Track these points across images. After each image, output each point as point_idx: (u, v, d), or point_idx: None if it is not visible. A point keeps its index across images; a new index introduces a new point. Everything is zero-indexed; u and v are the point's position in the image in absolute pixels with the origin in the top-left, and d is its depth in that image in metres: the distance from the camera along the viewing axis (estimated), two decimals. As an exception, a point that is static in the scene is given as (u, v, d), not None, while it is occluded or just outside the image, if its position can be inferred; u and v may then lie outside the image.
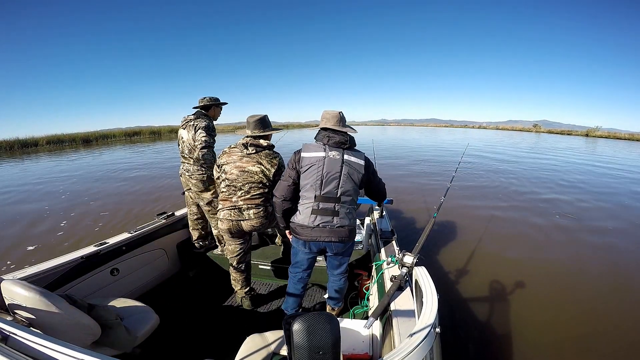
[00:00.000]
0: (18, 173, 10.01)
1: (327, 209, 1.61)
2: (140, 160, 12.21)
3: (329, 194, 1.60)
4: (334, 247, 1.69)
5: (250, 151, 1.90)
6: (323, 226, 1.61)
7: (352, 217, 1.69)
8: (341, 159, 1.60)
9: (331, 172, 1.59)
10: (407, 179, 7.97)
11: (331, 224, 1.62)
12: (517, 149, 17.89)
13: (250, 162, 1.89)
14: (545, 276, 3.19)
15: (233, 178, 1.90)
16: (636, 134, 36.37)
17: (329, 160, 1.59)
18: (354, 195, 1.66)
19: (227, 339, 1.91)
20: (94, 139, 25.75)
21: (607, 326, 2.44)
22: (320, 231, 1.62)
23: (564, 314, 2.59)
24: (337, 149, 1.62)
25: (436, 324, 0.97)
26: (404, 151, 15.01)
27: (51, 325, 1.22)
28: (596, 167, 10.91)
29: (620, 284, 3.08)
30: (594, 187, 7.44)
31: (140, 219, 4.75)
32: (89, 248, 1.94)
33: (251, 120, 1.96)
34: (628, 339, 2.31)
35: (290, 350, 0.91)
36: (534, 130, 55.81)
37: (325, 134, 1.66)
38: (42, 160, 13.38)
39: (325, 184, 1.59)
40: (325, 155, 1.60)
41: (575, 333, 2.36)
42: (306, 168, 1.61)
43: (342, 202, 1.62)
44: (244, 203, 1.90)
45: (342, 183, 1.60)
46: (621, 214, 5.36)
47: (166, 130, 34.21)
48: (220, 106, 2.55)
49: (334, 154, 1.60)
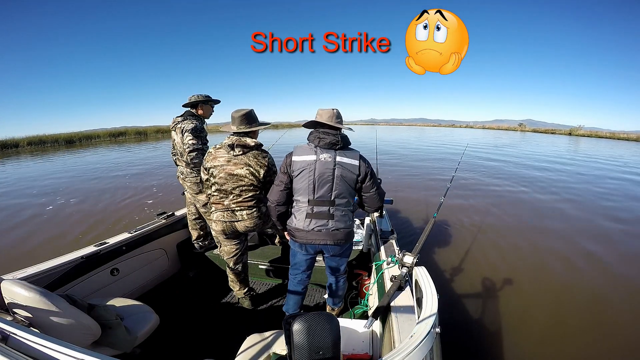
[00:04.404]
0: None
1: (322, 212, 1.58)
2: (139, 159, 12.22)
3: (323, 197, 1.56)
4: (331, 249, 1.67)
5: (237, 152, 1.79)
6: (318, 230, 1.59)
7: (348, 219, 1.65)
8: (333, 161, 1.54)
9: (323, 176, 1.54)
10: (407, 179, 7.97)
11: (326, 227, 1.59)
12: (516, 149, 17.89)
13: (238, 165, 1.79)
14: (545, 276, 3.19)
15: (222, 182, 1.82)
16: (617, 132, 37.59)
17: (320, 164, 1.54)
18: (349, 197, 1.62)
19: (227, 339, 1.91)
20: (77, 140, 24.92)
21: (607, 326, 2.44)
22: (315, 234, 1.60)
23: (564, 313, 2.59)
24: (328, 151, 1.56)
25: (436, 324, 0.97)
26: (403, 151, 15.00)
27: (51, 325, 1.22)
28: (601, 166, 10.91)
29: (620, 284, 3.08)
30: (593, 187, 7.44)
31: (140, 219, 4.76)
32: (89, 248, 1.94)
33: (236, 115, 1.81)
34: (629, 336, 2.31)
35: (290, 350, 0.91)
36: (519, 129, 56.48)
37: (316, 135, 1.59)
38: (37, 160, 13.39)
39: (318, 188, 1.55)
40: (316, 158, 1.54)
41: (576, 333, 2.36)
42: (298, 172, 1.57)
43: (337, 205, 1.58)
44: (236, 206, 1.85)
45: (336, 186, 1.55)
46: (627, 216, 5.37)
47: (152, 130, 33.28)
48: (210, 104, 2.47)
49: (326, 157, 1.54)
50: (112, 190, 6.84)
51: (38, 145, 21.68)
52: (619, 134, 36.17)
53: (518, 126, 62.02)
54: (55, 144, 23.03)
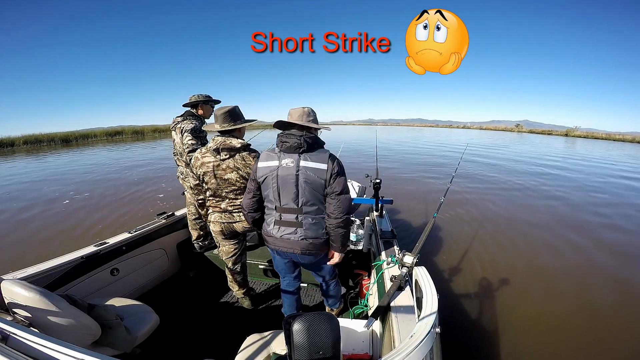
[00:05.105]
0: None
1: (289, 220, 1.50)
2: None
3: (289, 204, 1.48)
4: (301, 258, 1.58)
5: (223, 157, 1.71)
6: (287, 237, 1.52)
7: (320, 227, 1.52)
8: (296, 166, 1.42)
9: (286, 183, 1.44)
10: (407, 179, 7.97)
11: (295, 236, 1.50)
12: (514, 150, 17.89)
13: (228, 170, 1.72)
14: (546, 276, 3.19)
15: (214, 188, 1.78)
16: (613, 133, 37.96)
17: (282, 170, 1.44)
18: (319, 204, 1.49)
19: (227, 339, 1.91)
20: (73, 139, 24.57)
21: (607, 326, 2.44)
22: (284, 242, 1.53)
23: (565, 313, 2.59)
24: (291, 155, 1.44)
25: (436, 324, 0.97)
26: (403, 151, 15.00)
27: (51, 325, 1.22)
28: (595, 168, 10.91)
29: (621, 284, 3.08)
30: (590, 184, 7.45)
31: (140, 219, 4.76)
32: (89, 248, 1.94)
33: (219, 112, 1.71)
34: (629, 337, 2.31)
35: (290, 350, 0.91)
36: (516, 130, 56.71)
37: (280, 139, 1.48)
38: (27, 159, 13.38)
39: (282, 195, 1.47)
40: (278, 164, 1.45)
41: (576, 332, 2.36)
42: (262, 179, 1.50)
43: (305, 213, 1.47)
44: (233, 208, 1.84)
45: (301, 192, 1.44)
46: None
47: (149, 129, 32.98)
48: (211, 104, 2.48)
49: (287, 162, 1.44)
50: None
51: (34, 145, 21.42)
52: (615, 135, 36.59)
53: (515, 127, 62.45)
54: (51, 143, 22.75)
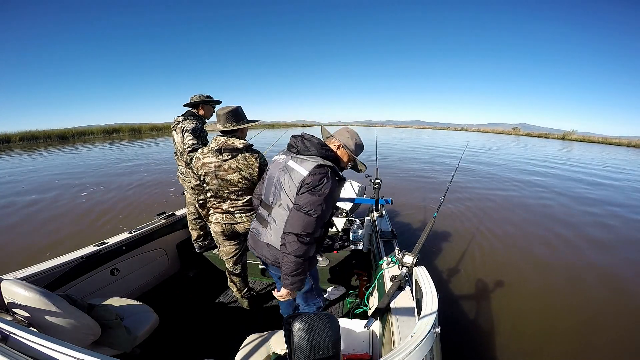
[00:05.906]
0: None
1: (262, 216, 1.47)
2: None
3: (266, 200, 1.45)
4: (262, 260, 1.48)
5: (225, 157, 1.68)
6: (254, 233, 1.49)
7: None
8: (284, 163, 1.39)
9: (270, 178, 1.44)
10: (407, 179, 7.97)
11: (259, 235, 1.46)
12: (513, 151, 17.89)
13: (229, 171, 1.70)
14: (546, 276, 3.19)
15: (216, 189, 1.76)
16: (609, 137, 39.13)
17: (273, 164, 1.47)
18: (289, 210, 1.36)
19: (226, 339, 1.91)
20: (70, 136, 24.22)
21: (607, 326, 2.45)
22: (252, 237, 1.51)
23: (564, 313, 2.59)
24: (287, 153, 1.43)
25: (436, 324, 0.97)
26: (403, 151, 15.01)
27: (51, 325, 1.22)
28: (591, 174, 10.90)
29: (620, 286, 3.08)
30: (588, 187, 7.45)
31: (140, 219, 4.76)
32: (89, 248, 1.94)
33: (222, 112, 1.70)
34: (627, 337, 2.32)
35: (290, 350, 0.91)
36: (513, 133, 57.18)
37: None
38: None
39: (265, 190, 1.46)
40: (277, 159, 1.47)
41: (576, 332, 2.36)
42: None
43: (274, 215, 1.38)
44: (235, 209, 1.82)
45: (276, 190, 1.38)
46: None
47: (147, 127, 32.63)
48: (212, 104, 2.48)
49: (280, 158, 1.45)
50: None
51: (30, 141, 21.21)
52: (611, 139, 37.33)
53: (512, 130, 62.99)
54: (48, 139, 22.49)
